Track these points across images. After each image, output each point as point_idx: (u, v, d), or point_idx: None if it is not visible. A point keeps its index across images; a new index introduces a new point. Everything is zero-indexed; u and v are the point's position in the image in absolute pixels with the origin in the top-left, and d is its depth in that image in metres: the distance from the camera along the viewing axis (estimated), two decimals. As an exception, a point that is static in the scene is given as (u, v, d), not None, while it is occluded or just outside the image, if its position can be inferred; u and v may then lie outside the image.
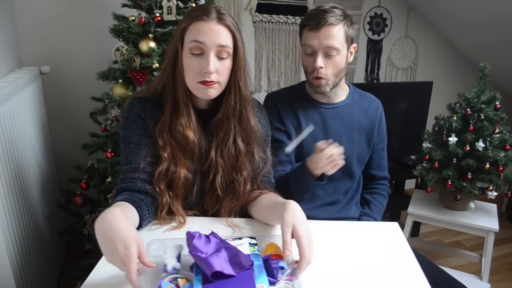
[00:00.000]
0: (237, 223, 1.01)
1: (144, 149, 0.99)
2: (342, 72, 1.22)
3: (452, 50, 2.97)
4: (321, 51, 1.16)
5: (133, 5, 1.65)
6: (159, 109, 1.01)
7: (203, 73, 0.92)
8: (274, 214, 0.93)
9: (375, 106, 1.33)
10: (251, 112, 1.04)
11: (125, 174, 0.98)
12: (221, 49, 0.93)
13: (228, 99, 1.00)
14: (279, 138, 1.26)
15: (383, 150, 1.39)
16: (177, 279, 0.72)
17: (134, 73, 1.60)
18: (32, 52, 1.95)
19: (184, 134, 0.98)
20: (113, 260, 0.70)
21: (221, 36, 0.93)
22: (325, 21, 1.13)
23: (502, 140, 1.73)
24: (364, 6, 2.68)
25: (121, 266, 0.68)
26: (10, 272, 1.26)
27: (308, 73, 1.22)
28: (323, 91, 1.22)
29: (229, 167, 1.03)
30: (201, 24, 0.92)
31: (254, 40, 2.48)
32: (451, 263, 2.23)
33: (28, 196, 1.54)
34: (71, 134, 2.05)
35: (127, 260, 0.67)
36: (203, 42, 0.92)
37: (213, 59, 0.93)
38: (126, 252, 0.67)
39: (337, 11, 1.16)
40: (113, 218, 0.74)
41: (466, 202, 1.88)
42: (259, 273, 0.75)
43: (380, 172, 1.40)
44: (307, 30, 1.17)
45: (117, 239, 0.69)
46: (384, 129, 1.37)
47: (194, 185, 1.02)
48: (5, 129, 1.35)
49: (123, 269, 0.68)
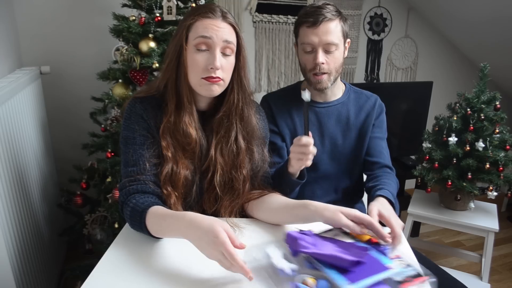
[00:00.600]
0: (238, 223, 1.01)
1: (148, 150, 0.99)
2: (341, 67, 1.23)
3: (452, 50, 2.97)
4: (321, 47, 1.16)
5: (133, 5, 1.65)
6: (159, 109, 1.00)
7: (209, 69, 0.93)
8: (293, 215, 0.95)
9: (372, 101, 1.32)
10: (252, 110, 1.05)
11: (133, 175, 0.97)
12: (226, 45, 0.95)
13: (230, 96, 1.01)
14: (273, 140, 1.27)
15: (382, 140, 1.33)
16: (305, 279, 0.73)
17: (134, 73, 1.60)
18: (32, 52, 1.95)
19: (187, 132, 0.98)
20: (215, 255, 0.74)
21: (227, 32, 0.95)
22: (323, 17, 1.14)
23: (502, 140, 1.73)
24: (364, 6, 2.68)
25: (223, 259, 0.73)
26: (10, 272, 1.26)
27: (307, 70, 1.22)
28: (325, 87, 1.22)
29: (229, 165, 1.03)
30: (207, 21, 0.94)
31: (254, 40, 2.48)
32: (451, 263, 2.23)
33: (28, 196, 1.54)
34: (71, 134, 2.05)
35: (224, 248, 0.72)
36: (210, 37, 0.93)
37: (219, 55, 0.94)
38: (215, 239, 0.73)
39: (331, 7, 1.18)
40: (190, 220, 0.80)
41: (466, 202, 1.88)
42: (379, 255, 0.79)
43: (382, 159, 1.30)
44: (305, 27, 1.17)
45: (204, 235, 0.75)
46: (382, 122, 1.33)
47: (193, 185, 1.02)
48: (5, 129, 1.35)
49: (226, 262, 0.73)
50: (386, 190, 1.09)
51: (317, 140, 1.28)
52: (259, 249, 0.83)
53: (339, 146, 1.29)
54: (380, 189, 1.10)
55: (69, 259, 2.04)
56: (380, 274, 0.72)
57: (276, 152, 1.27)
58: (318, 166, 1.29)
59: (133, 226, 0.93)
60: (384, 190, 1.09)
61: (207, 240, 0.75)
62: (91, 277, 0.79)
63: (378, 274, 0.72)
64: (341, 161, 1.30)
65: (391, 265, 0.75)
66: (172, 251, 0.90)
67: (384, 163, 1.29)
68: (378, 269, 0.74)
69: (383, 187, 1.12)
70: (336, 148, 1.29)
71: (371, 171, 1.28)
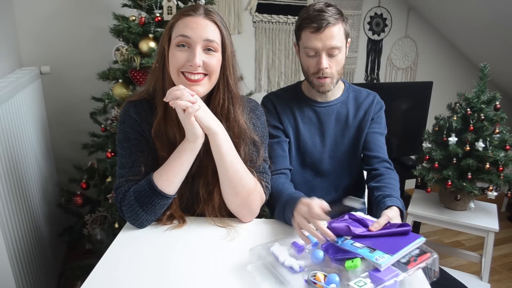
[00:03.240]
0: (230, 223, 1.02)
1: (143, 153, 0.99)
2: (343, 68, 1.23)
3: (452, 50, 2.97)
4: (324, 51, 1.16)
5: (133, 5, 1.65)
6: (151, 111, 1.01)
7: (189, 66, 0.92)
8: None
9: (370, 98, 1.32)
10: (240, 110, 1.03)
11: (126, 177, 0.98)
12: (208, 43, 0.93)
13: (216, 96, 1.00)
14: (277, 134, 1.27)
15: (381, 136, 1.32)
16: (316, 274, 0.75)
17: (134, 73, 1.60)
18: (32, 52, 1.95)
19: (175, 138, 0.99)
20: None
21: (208, 30, 0.93)
22: (326, 22, 1.13)
23: (502, 140, 1.73)
24: (364, 6, 2.68)
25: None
26: (10, 272, 1.26)
27: (310, 74, 1.22)
28: (328, 90, 1.23)
29: (214, 166, 1.01)
30: (188, 19, 0.93)
31: (254, 40, 2.48)
32: (451, 263, 2.23)
33: (28, 196, 1.54)
34: (71, 134, 2.05)
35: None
36: (189, 36, 0.91)
37: (199, 52, 0.92)
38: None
39: (333, 9, 1.16)
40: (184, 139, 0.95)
41: (466, 202, 1.88)
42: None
43: (381, 154, 1.29)
44: (308, 32, 1.16)
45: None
46: (381, 118, 1.33)
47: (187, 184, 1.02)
48: (5, 129, 1.35)
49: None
50: (395, 199, 1.08)
51: (317, 140, 1.29)
52: (264, 248, 0.84)
53: (338, 144, 1.30)
54: (390, 196, 1.09)
55: (69, 259, 2.04)
56: (410, 244, 0.77)
57: (279, 144, 1.26)
58: (319, 165, 1.30)
59: (143, 205, 0.94)
60: (394, 199, 1.08)
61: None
62: (91, 277, 0.79)
63: (409, 244, 0.77)
64: (340, 159, 1.30)
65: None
66: (172, 251, 0.90)
67: (383, 158, 1.28)
68: (407, 241, 0.78)
69: (392, 194, 1.10)
70: (336, 146, 1.30)
71: (371, 165, 1.28)
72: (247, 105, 1.08)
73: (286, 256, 0.80)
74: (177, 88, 0.89)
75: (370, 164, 1.28)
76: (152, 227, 0.99)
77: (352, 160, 1.31)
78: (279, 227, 1.02)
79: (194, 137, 0.93)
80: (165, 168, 0.95)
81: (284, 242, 0.86)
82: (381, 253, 0.74)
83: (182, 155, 0.94)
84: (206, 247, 0.92)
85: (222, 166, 0.97)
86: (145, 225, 0.98)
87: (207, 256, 0.88)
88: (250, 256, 0.83)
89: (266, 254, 0.82)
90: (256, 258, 0.83)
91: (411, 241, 0.78)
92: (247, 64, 2.51)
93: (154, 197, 0.93)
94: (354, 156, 1.31)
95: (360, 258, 0.75)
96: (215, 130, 0.94)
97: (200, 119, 0.92)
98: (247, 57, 2.50)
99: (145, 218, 0.96)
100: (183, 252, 0.89)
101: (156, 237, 0.95)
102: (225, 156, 0.96)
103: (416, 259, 0.75)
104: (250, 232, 0.99)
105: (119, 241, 0.93)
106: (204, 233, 0.98)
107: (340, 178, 1.32)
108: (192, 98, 0.90)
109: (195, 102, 0.90)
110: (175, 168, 0.94)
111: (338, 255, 0.79)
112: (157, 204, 0.94)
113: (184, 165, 0.95)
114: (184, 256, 0.88)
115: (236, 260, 0.85)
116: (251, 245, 0.85)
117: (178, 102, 0.87)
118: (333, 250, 0.80)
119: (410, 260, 0.74)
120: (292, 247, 0.85)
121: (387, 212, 0.95)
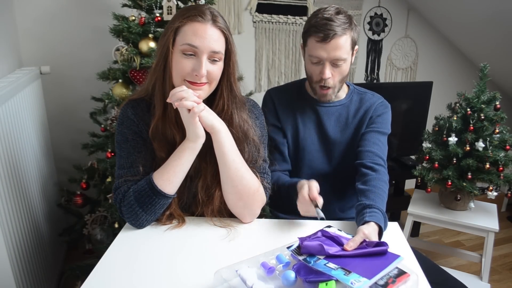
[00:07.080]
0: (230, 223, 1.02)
1: (141, 154, 1.00)
2: (346, 77, 1.23)
3: (452, 50, 2.97)
4: (328, 61, 1.15)
5: (133, 5, 1.65)
6: (149, 111, 1.01)
7: (194, 75, 0.92)
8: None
9: (373, 100, 1.30)
10: (243, 114, 1.04)
11: (124, 177, 0.98)
12: (214, 54, 0.93)
13: (219, 102, 1.00)
14: (274, 136, 1.27)
15: (379, 134, 1.26)
16: None
17: (134, 73, 1.60)
18: (32, 52, 1.95)
19: (174, 139, 0.99)
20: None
21: (215, 41, 0.92)
22: (333, 33, 1.10)
23: (502, 140, 1.73)
24: (364, 6, 2.68)
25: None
26: (10, 272, 1.26)
27: (313, 81, 1.21)
28: (329, 100, 1.24)
29: (214, 168, 1.02)
30: (196, 26, 0.91)
31: (254, 40, 2.48)
32: (451, 263, 2.23)
33: (28, 196, 1.54)
34: (71, 134, 2.05)
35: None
36: (197, 47, 0.91)
37: (205, 62, 0.92)
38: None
39: (342, 17, 1.13)
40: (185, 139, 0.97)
41: (466, 202, 1.88)
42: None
43: (375, 149, 1.22)
44: (314, 41, 1.14)
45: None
46: (383, 118, 1.29)
47: (185, 185, 1.02)
48: (5, 129, 1.35)
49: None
50: (376, 211, 0.99)
51: (316, 140, 1.29)
52: (229, 270, 0.77)
53: (337, 145, 1.29)
54: (370, 206, 1.01)
55: (69, 259, 2.04)
56: (389, 266, 0.73)
57: (277, 149, 1.27)
58: (316, 166, 1.29)
59: (143, 205, 0.94)
60: (374, 212, 0.99)
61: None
62: (91, 277, 0.79)
63: (388, 266, 0.73)
64: (338, 160, 1.30)
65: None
66: (172, 251, 0.90)
67: (376, 153, 1.20)
68: (385, 262, 0.74)
69: (373, 205, 1.02)
70: (334, 147, 1.29)
71: (360, 159, 1.20)
72: (246, 105, 1.08)
73: (255, 279, 0.73)
74: (180, 89, 0.90)
75: (360, 158, 1.21)
76: (152, 227, 0.99)
77: (349, 160, 1.30)
78: (279, 227, 1.02)
79: (196, 137, 0.94)
80: (165, 168, 0.95)
81: (252, 263, 0.79)
82: (357, 276, 0.69)
83: (182, 155, 0.95)
84: (206, 247, 0.92)
85: (224, 165, 0.97)
86: (145, 225, 0.98)
87: (207, 256, 0.88)
88: (215, 280, 0.76)
89: (232, 277, 0.76)
90: (221, 282, 0.76)
91: (389, 262, 0.73)
92: (247, 64, 2.51)
93: (154, 197, 0.93)
94: (350, 155, 1.30)
95: (335, 281, 0.69)
96: (218, 128, 0.95)
97: (204, 119, 0.93)
98: (247, 57, 2.50)
99: (145, 218, 0.96)
100: (183, 252, 0.89)
101: (156, 237, 0.95)
102: (227, 154, 0.96)
103: (395, 280, 0.70)
104: (250, 232, 0.99)
105: (119, 241, 0.93)
106: (204, 233, 0.98)
107: (338, 180, 1.31)
108: (197, 98, 0.91)
109: (200, 103, 0.91)
110: (175, 167, 0.95)
111: (310, 276, 0.73)
112: (157, 204, 0.95)
113: (184, 164, 0.95)
114: (184, 256, 0.88)
115: (236, 260, 0.85)
116: (251, 245, 0.85)
117: (184, 102, 0.88)
118: (305, 271, 0.75)
119: (388, 282, 0.69)
120: (261, 268, 0.79)
121: (363, 228, 0.90)
